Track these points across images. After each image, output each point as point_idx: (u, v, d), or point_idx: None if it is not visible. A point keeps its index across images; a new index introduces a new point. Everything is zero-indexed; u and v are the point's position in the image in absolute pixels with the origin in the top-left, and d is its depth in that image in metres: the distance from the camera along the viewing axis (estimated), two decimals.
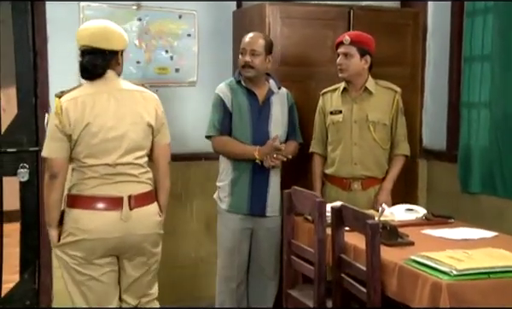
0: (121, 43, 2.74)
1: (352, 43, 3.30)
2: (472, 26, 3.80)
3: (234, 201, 3.37)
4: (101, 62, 2.65)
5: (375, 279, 2.41)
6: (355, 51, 3.31)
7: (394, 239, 2.62)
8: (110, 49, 2.67)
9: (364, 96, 3.39)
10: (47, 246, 3.74)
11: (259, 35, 3.41)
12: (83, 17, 3.74)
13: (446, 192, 4.13)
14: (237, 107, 3.36)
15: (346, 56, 3.32)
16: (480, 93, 3.78)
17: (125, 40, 2.76)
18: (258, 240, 3.44)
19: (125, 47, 2.77)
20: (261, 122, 3.37)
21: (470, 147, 3.84)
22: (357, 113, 3.38)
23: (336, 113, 3.43)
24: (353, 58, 3.32)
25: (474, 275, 2.20)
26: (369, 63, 3.36)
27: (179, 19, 3.98)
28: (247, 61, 3.32)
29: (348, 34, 3.35)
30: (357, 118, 3.38)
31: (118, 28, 2.77)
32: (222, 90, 3.40)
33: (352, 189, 3.38)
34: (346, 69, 3.33)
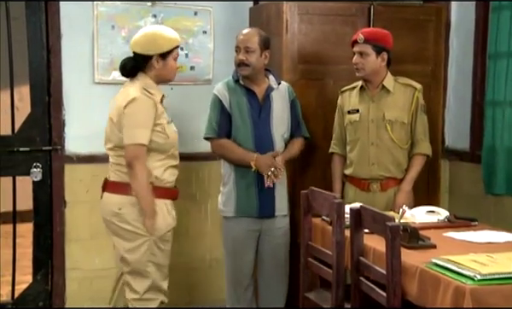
0: (145, 46, 2.95)
1: (366, 42, 3.23)
2: (498, 21, 3.70)
3: (241, 204, 3.31)
4: (127, 64, 3.00)
5: (396, 283, 2.37)
6: (370, 49, 3.23)
7: (415, 242, 2.57)
8: (138, 53, 2.97)
9: (382, 95, 3.32)
10: (60, 246, 3.75)
11: (254, 31, 3.35)
12: (96, 14, 3.73)
13: (469, 194, 4.05)
14: (237, 107, 3.30)
15: (361, 55, 3.25)
16: (506, 91, 3.69)
17: (151, 44, 2.95)
18: (266, 241, 3.38)
19: (150, 51, 2.95)
20: (262, 121, 3.31)
21: (495, 147, 3.75)
22: (374, 112, 3.30)
23: (353, 112, 3.36)
24: (369, 56, 3.24)
25: (498, 280, 2.15)
26: (385, 60, 3.28)
27: (195, 15, 3.94)
28: (241, 59, 3.27)
29: (362, 32, 3.27)
30: (374, 117, 3.30)
31: (151, 32, 3.03)
32: (219, 91, 3.34)
33: (371, 190, 3.31)
34: (362, 68, 3.26)
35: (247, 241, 3.34)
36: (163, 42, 2.97)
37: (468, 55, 4.08)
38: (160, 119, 2.93)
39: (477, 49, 4.02)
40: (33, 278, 3.75)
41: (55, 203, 3.72)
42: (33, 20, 3.64)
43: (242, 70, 3.28)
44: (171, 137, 2.99)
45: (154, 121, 2.91)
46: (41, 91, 3.69)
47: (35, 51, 3.66)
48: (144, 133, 2.87)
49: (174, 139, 3.02)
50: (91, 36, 3.74)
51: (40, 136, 3.70)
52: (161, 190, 2.96)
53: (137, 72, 2.98)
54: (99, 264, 3.83)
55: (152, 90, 2.96)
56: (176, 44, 3.01)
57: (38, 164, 3.69)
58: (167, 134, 2.95)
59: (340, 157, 3.46)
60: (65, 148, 3.74)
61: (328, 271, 2.78)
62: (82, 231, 3.80)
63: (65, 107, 3.73)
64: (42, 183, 3.70)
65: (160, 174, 2.96)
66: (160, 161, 2.96)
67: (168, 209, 3.00)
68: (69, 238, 3.77)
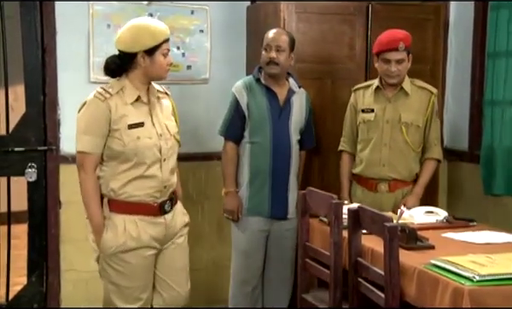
0: (128, 43, 2.66)
1: (405, 49, 3.18)
2: (496, 20, 3.68)
3: (253, 203, 3.31)
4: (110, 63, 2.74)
5: (394, 284, 2.35)
6: (405, 55, 3.21)
7: (413, 242, 2.56)
8: (122, 51, 2.71)
9: (399, 96, 3.30)
10: (54, 248, 3.71)
11: (283, 31, 3.36)
12: (92, 13, 3.70)
13: (468, 194, 4.03)
14: (255, 107, 3.28)
15: (399, 62, 3.19)
16: (505, 91, 3.67)
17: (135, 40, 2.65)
18: (276, 242, 3.37)
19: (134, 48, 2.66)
20: (282, 123, 3.30)
21: (493, 147, 3.73)
22: (390, 113, 3.28)
23: (368, 111, 3.33)
24: (404, 62, 3.22)
25: (497, 281, 2.13)
26: (410, 62, 3.26)
27: (191, 14, 3.91)
28: (272, 58, 3.25)
29: (401, 39, 3.18)
30: (390, 118, 3.27)
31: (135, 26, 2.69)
32: (238, 90, 3.32)
33: (379, 190, 3.30)
34: (399, 75, 3.23)
35: (258, 242, 3.34)
36: (148, 37, 2.64)
37: (467, 54, 4.06)
38: (117, 124, 2.62)
39: (476, 48, 4.00)
40: (28, 280, 3.72)
41: (49, 204, 3.69)
42: (28, 18, 3.60)
43: (271, 68, 3.26)
44: (131, 144, 2.61)
45: (111, 126, 2.62)
46: (36, 91, 3.66)
47: (30, 50, 3.63)
48: (87, 140, 2.62)
49: (135, 146, 2.62)
50: (87, 35, 3.71)
51: (35, 136, 3.67)
52: (120, 204, 2.65)
53: (123, 71, 2.69)
54: (94, 265, 3.72)
55: (118, 89, 2.65)
56: (163, 38, 2.68)
57: (33, 164, 3.65)
58: (124, 141, 2.61)
59: (350, 155, 3.44)
60: (60, 149, 3.71)
61: (326, 272, 2.77)
62: (77, 232, 3.75)
63: (60, 107, 3.70)
64: (37, 184, 3.67)
65: (117, 186, 2.64)
66: (123, 173, 2.64)
67: (126, 227, 2.65)
68: (64, 239, 3.74)
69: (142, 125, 2.66)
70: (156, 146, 2.68)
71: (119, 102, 2.65)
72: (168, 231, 2.77)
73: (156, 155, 2.68)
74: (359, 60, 3.71)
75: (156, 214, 2.70)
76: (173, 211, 2.79)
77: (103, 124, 2.62)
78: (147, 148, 2.65)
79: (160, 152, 2.69)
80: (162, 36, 2.68)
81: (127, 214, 2.66)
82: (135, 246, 2.66)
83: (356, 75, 3.68)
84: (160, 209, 2.72)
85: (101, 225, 2.66)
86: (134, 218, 2.67)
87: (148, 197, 2.68)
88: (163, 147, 2.70)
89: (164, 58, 2.70)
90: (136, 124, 2.65)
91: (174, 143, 2.78)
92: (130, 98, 2.67)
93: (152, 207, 2.69)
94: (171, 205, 2.77)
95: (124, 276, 2.69)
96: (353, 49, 3.68)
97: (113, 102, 2.64)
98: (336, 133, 3.56)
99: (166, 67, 2.74)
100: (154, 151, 2.67)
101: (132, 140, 2.63)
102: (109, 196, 2.66)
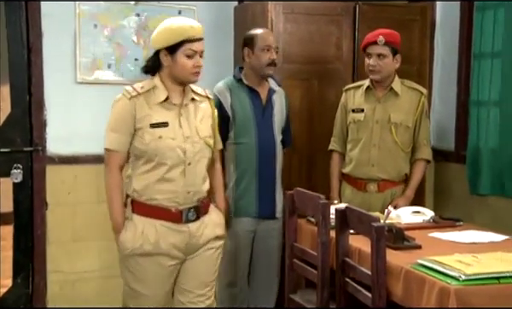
0: (154, 40, 2.63)
1: (386, 44, 3.20)
2: (482, 21, 3.70)
3: (241, 204, 3.29)
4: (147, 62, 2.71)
5: (381, 284, 2.35)
6: (388, 51, 3.23)
7: (400, 242, 2.56)
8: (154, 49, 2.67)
9: (389, 97, 3.31)
10: (41, 249, 3.68)
11: (271, 32, 3.40)
12: (78, 13, 3.67)
13: (455, 194, 4.05)
14: (240, 107, 3.28)
15: (379, 57, 3.21)
16: (490, 91, 3.69)
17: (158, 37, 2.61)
18: (263, 242, 3.37)
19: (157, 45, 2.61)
20: (265, 123, 3.31)
21: (479, 147, 3.75)
22: (380, 113, 3.29)
23: (358, 111, 3.34)
24: (386, 58, 3.23)
25: (483, 280, 2.14)
26: (399, 62, 3.26)
27: (178, 14, 3.88)
28: (274, 59, 3.26)
29: (381, 34, 3.23)
30: (380, 118, 3.29)
31: (164, 23, 2.62)
32: (220, 91, 3.30)
33: (368, 190, 3.31)
34: (380, 71, 3.24)
35: (245, 242, 3.33)
36: (167, 34, 2.56)
37: (453, 54, 4.07)
38: (141, 123, 2.57)
39: (462, 48, 4.02)
40: (13, 282, 3.68)
41: (36, 205, 3.66)
42: (13, 18, 3.57)
43: (271, 69, 3.28)
44: (152, 143, 2.55)
45: (135, 124, 2.58)
46: (21, 91, 3.62)
47: (15, 50, 3.59)
48: (113, 137, 2.59)
49: (155, 146, 2.55)
50: (73, 35, 3.68)
51: (21, 136, 3.63)
52: (142, 206, 2.59)
53: (157, 70, 2.63)
54: (81, 267, 3.77)
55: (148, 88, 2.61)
56: (183, 38, 2.54)
57: (19, 165, 3.62)
58: (145, 139, 2.56)
59: (340, 155, 3.45)
60: (46, 149, 3.68)
61: (314, 272, 2.77)
62: (64, 234, 3.74)
63: (46, 107, 3.67)
64: (22, 185, 3.64)
65: (139, 187, 2.59)
66: (145, 173, 2.58)
67: (145, 230, 2.57)
68: (50, 241, 3.71)
69: (166, 125, 2.58)
70: (180, 148, 2.57)
71: (146, 101, 2.59)
72: (191, 241, 2.63)
73: (179, 157, 2.57)
74: (346, 60, 3.72)
75: (177, 221, 2.59)
76: (201, 221, 2.65)
77: (129, 122, 2.57)
78: (168, 148, 2.56)
79: (185, 154, 2.58)
80: (182, 35, 2.54)
81: (148, 217, 2.58)
82: (152, 251, 2.57)
83: (343, 75, 3.69)
84: (182, 216, 2.59)
85: (121, 225, 2.60)
86: (154, 223, 2.58)
87: (168, 202, 2.58)
88: (188, 149, 2.59)
89: (188, 59, 2.57)
90: (160, 123, 2.57)
91: (204, 147, 2.65)
92: (158, 98, 2.60)
93: (172, 213, 2.58)
94: (196, 214, 2.63)
95: (139, 282, 2.62)
96: (340, 49, 3.69)
97: (139, 100, 2.59)
98: (324, 133, 3.56)
99: (192, 69, 2.58)
100: (177, 152, 2.57)
101: (154, 139, 2.55)
102: (132, 197, 2.61)
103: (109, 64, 3.77)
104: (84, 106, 3.75)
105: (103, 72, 3.76)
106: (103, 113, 3.77)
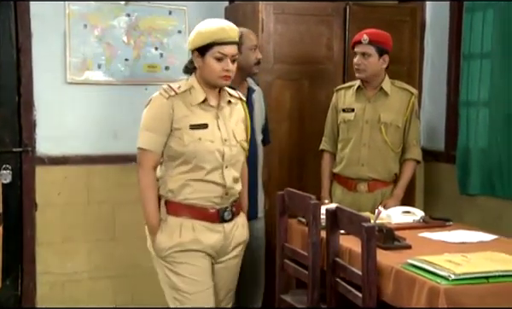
0: (188, 41, 2.60)
1: (370, 43, 3.22)
2: (471, 22, 3.72)
3: None
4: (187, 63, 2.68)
5: (371, 283, 2.35)
6: (373, 51, 3.23)
7: (390, 242, 2.56)
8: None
9: (379, 96, 3.32)
10: (30, 250, 3.67)
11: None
12: (68, 13, 3.66)
13: (444, 194, 4.06)
14: None
15: (363, 56, 3.23)
16: (479, 92, 3.71)
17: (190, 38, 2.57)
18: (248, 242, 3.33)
19: (189, 46, 2.56)
20: None
21: (469, 147, 3.77)
22: (370, 113, 3.30)
23: (348, 111, 3.35)
24: (371, 58, 3.24)
25: (472, 279, 2.15)
26: (387, 63, 3.28)
27: (169, 15, 3.89)
28: (260, 58, 3.27)
29: (366, 33, 3.25)
30: (369, 118, 3.30)
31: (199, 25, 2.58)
32: None
33: (358, 190, 3.31)
34: (364, 70, 3.25)
35: None
36: (199, 36, 2.51)
37: (443, 55, 4.09)
38: (179, 123, 2.50)
39: (451, 49, 4.04)
40: (2, 283, 3.63)
41: (25, 206, 3.65)
42: (2, 18, 3.55)
43: (258, 68, 3.28)
44: (191, 145, 2.49)
45: (173, 124, 2.51)
46: (11, 91, 3.61)
47: (4, 51, 3.57)
48: (147, 137, 2.53)
49: (194, 148, 2.50)
50: (63, 35, 3.67)
51: (10, 137, 3.62)
52: (177, 207, 2.54)
53: (193, 71, 2.60)
54: (71, 268, 3.76)
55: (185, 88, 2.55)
56: (212, 40, 2.48)
57: (8, 166, 3.61)
58: (184, 140, 2.50)
59: (331, 155, 3.46)
60: (36, 150, 3.67)
61: (304, 273, 2.76)
62: (53, 235, 3.72)
63: (36, 108, 3.66)
64: (12, 186, 3.62)
65: (175, 187, 2.54)
66: (182, 174, 2.53)
67: (182, 230, 2.53)
68: (40, 242, 3.69)
69: (206, 126, 2.53)
70: (219, 151, 2.54)
71: (183, 102, 2.53)
72: (226, 242, 2.62)
73: (218, 161, 2.54)
74: (337, 60, 3.73)
75: (214, 221, 2.56)
76: (234, 221, 2.64)
77: (165, 122, 2.51)
78: (207, 151, 2.52)
79: (223, 158, 2.55)
80: (211, 37, 2.48)
81: (184, 217, 2.54)
82: (191, 247, 2.53)
83: (334, 76, 3.70)
84: (219, 216, 2.57)
85: (157, 226, 2.54)
86: (191, 223, 2.54)
87: (206, 201, 2.55)
88: (226, 153, 2.56)
89: (217, 62, 2.50)
90: (199, 125, 2.52)
91: (239, 151, 2.62)
92: (196, 99, 2.54)
93: (210, 213, 2.56)
94: (231, 214, 2.62)
95: (182, 279, 2.54)
96: (331, 49, 3.70)
97: (177, 100, 2.52)
98: (314, 133, 3.57)
99: (220, 72, 2.51)
100: (215, 156, 2.53)
101: (193, 141, 2.50)
102: (167, 197, 2.55)
103: (99, 64, 3.76)
104: (74, 106, 3.74)
105: (93, 73, 3.75)
106: (93, 114, 3.82)
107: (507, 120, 3.53)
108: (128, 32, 3.80)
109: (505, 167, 3.55)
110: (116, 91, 3.82)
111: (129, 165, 3.85)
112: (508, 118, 3.52)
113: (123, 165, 3.85)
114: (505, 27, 3.50)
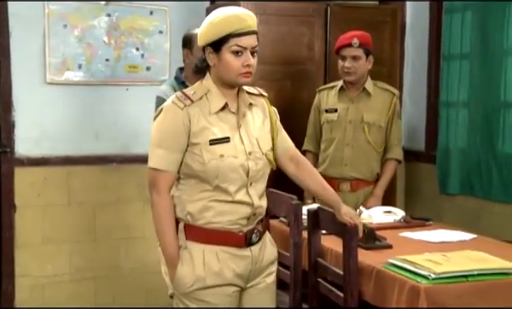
0: (199, 35, 2.18)
1: (360, 45, 3.23)
2: (450, 23, 3.76)
3: None
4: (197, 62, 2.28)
5: (352, 283, 2.36)
6: (362, 53, 3.26)
7: (372, 242, 2.57)
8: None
9: (362, 97, 3.34)
10: (9, 252, 3.62)
11: None
12: (47, 12, 3.62)
13: (425, 194, 4.09)
14: None
15: (354, 59, 3.24)
16: (459, 92, 3.74)
17: (201, 32, 2.16)
18: None
19: (201, 41, 2.16)
20: None
21: (449, 147, 3.80)
22: (353, 113, 3.32)
23: (331, 111, 3.37)
24: (361, 60, 3.27)
25: (452, 278, 2.17)
26: (371, 63, 3.30)
27: (150, 15, 3.87)
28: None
29: (355, 36, 3.26)
30: (352, 118, 3.31)
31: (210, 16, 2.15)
32: (165, 93, 3.19)
33: (341, 189, 3.32)
34: (355, 72, 3.27)
35: None
36: (211, 28, 2.10)
37: (423, 56, 4.12)
38: (197, 138, 2.12)
39: (431, 50, 4.07)
40: None
41: (4, 207, 3.60)
42: None
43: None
44: (212, 163, 2.11)
45: (190, 139, 2.13)
46: None
47: None
48: (161, 155, 2.12)
49: (216, 167, 2.11)
50: (42, 35, 3.63)
51: None
52: (198, 232, 2.15)
53: (206, 70, 2.21)
54: (51, 270, 3.72)
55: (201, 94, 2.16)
56: (228, 31, 2.08)
57: None
58: (204, 158, 2.11)
59: (313, 155, 3.46)
60: (15, 151, 3.62)
61: (286, 273, 2.76)
62: (33, 237, 3.68)
63: (15, 109, 3.61)
64: None
65: (196, 210, 2.15)
66: (203, 193, 2.15)
67: (206, 259, 2.14)
68: (19, 244, 3.65)
69: (228, 140, 2.14)
70: (243, 167, 2.15)
71: (201, 111, 2.14)
72: (255, 267, 2.23)
73: (242, 179, 2.15)
74: (318, 61, 3.74)
75: (241, 245, 2.18)
76: (262, 241, 2.26)
77: (181, 136, 2.12)
78: (231, 169, 2.13)
79: (248, 174, 2.16)
80: (227, 28, 2.08)
81: (207, 244, 2.15)
82: (215, 283, 2.16)
83: (315, 76, 3.71)
84: (246, 239, 2.19)
85: (176, 258, 2.16)
86: (215, 250, 2.15)
87: (231, 225, 2.16)
88: (251, 168, 2.17)
89: (234, 57, 2.11)
90: (220, 139, 2.13)
91: (265, 164, 2.22)
92: (215, 106, 2.15)
93: (236, 237, 2.17)
94: (259, 235, 2.23)
95: None
96: (312, 50, 3.71)
97: (194, 110, 2.13)
98: (296, 134, 3.52)
99: (239, 69, 2.11)
100: (239, 173, 2.15)
101: (214, 158, 2.12)
102: (186, 221, 2.16)
103: (80, 64, 3.72)
104: (54, 107, 3.71)
105: (73, 73, 3.72)
106: (74, 114, 3.78)
107: (486, 121, 3.56)
108: (109, 32, 3.77)
109: (484, 167, 3.58)
110: (97, 92, 3.79)
111: (110, 166, 3.84)
112: (486, 118, 3.56)
113: (104, 166, 3.82)
114: (483, 28, 3.54)
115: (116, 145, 3.87)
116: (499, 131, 3.50)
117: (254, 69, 2.15)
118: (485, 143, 3.57)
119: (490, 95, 3.54)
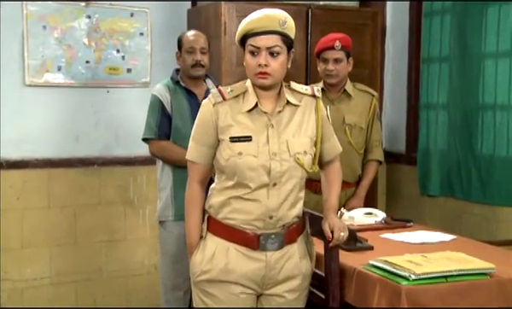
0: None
1: (341, 48, 3.24)
2: (430, 26, 3.80)
3: (178, 206, 3.22)
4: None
5: (334, 285, 2.36)
6: (344, 55, 3.26)
7: (353, 244, 2.57)
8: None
9: (342, 98, 3.35)
10: None
11: (201, 33, 3.29)
12: (26, 14, 3.58)
13: (406, 195, 4.12)
14: (177, 109, 3.24)
15: (336, 62, 3.25)
16: (439, 95, 3.78)
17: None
18: None
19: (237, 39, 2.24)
20: None
21: (429, 149, 3.83)
22: (334, 114, 3.31)
23: None
24: (342, 62, 3.27)
25: (432, 279, 2.18)
26: (351, 65, 3.31)
27: (131, 17, 3.85)
28: (198, 60, 3.20)
29: (338, 38, 3.25)
30: (334, 120, 3.30)
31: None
32: (160, 92, 3.26)
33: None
34: (337, 75, 3.27)
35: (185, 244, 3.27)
36: (239, 28, 2.18)
37: (404, 58, 4.16)
38: (223, 134, 2.18)
39: (411, 53, 4.11)
40: None
41: None
42: None
43: (198, 70, 3.20)
44: (231, 160, 2.16)
45: (219, 135, 2.19)
46: None
47: None
48: (192, 147, 2.26)
49: (234, 164, 2.15)
50: (21, 36, 3.59)
51: None
52: (217, 225, 2.22)
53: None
54: (31, 274, 3.68)
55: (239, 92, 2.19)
56: (243, 32, 2.14)
57: None
58: (224, 154, 2.17)
59: None
60: None
61: None
62: (12, 240, 3.64)
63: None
64: None
65: (217, 204, 2.22)
66: (225, 190, 2.20)
67: (216, 253, 2.19)
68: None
69: (249, 139, 2.16)
70: (263, 167, 2.15)
71: (231, 108, 2.18)
72: (269, 274, 2.20)
73: (263, 178, 2.15)
74: (299, 63, 3.74)
75: (253, 247, 2.17)
76: (285, 250, 2.22)
77: (210, 131, 2.19)
78: (249, 167, 2.14)
79: (269, 174, 2.15)
80: (244, 29, 2.14)
81: (221, 238, 2.20)
82: (220, 278, 2.19)
83: (296, 79, 3.60)
84: (258, 242, 2.17)
85: (194, 246, 2.25)
86: (227, 245, 2.19)
87: (245, 224, 2.17)
88: (274, 169, 2.15)
89: (251, 57, 2.14)
90: (240, 137, 2.16)
91: (294, 166, 2.19)
92: (246, 105, 2.18)
93: (248, 237, 2.17)
94: (279, 242, 2.20)
95: None
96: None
97: (224, 107, 2.18)
98: None
99: (254, 69, 2.13)
100: (259, 172, 2.15)
101: (233, 155, 2.15)
102: (209, 213, 2.25)
103: (59, 66, 3.69)
104: (34, 109, 3.67)
105: (53, 75, 3.68)
106: (54, 117, 3.75)
107: (465, 122, 3.60)
108: (89, 33, 3.74)
109: (463, 169, 3.62)
110: (77, 94, 3.76)
111: (90, 168, 3.82)
112: (466, 120, 3.60)
113: (84, 168, 3.80)
114: (462, 32, 3.59)
115: (97, 147, 3.85)
116: (478, 132, 3.54)
117: (274, 70, 2.14)
118: (465, 145, 3.61)
119: (469, 97, 3.58)
